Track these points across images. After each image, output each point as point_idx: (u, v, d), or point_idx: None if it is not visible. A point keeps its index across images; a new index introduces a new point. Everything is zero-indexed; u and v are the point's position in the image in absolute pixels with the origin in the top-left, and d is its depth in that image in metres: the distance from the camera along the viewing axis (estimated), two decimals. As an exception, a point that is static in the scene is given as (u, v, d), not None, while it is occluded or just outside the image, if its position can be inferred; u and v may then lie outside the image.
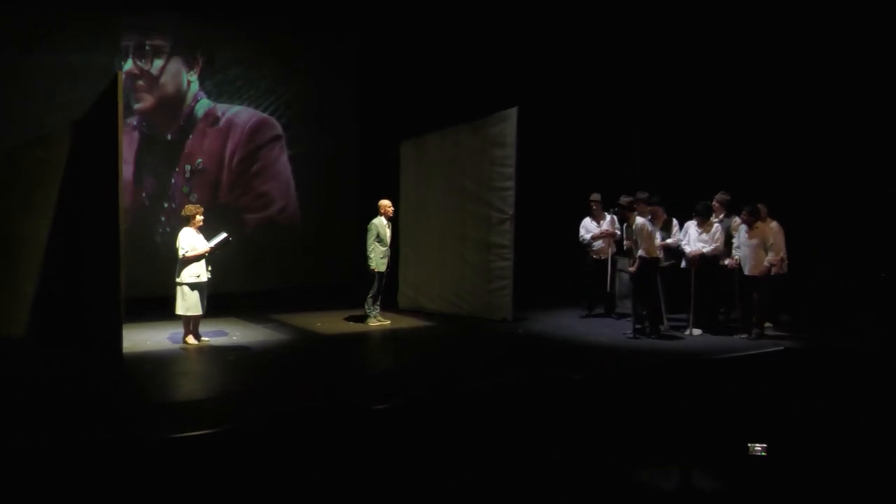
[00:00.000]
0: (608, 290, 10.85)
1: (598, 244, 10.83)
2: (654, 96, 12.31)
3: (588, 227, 10.91)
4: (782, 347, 8.65)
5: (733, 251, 9.48)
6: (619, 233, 10.69)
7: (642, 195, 9.92)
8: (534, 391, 6.81)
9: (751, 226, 9.15)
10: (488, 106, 10.60)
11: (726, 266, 9.47)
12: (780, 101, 11.04)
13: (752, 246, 9.16)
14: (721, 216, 9.87)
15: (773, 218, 9.50)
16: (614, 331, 9.71)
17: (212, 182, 12.19)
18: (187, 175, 11.96)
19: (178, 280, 8.56)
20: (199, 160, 12.03)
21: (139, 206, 11.49)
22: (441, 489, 5.08)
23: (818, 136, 10.74)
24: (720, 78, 11.51)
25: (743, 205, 9.30)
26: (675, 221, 10.06)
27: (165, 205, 11.66)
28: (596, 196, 10.86)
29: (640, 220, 9.25)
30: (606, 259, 10.81)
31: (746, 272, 9.22)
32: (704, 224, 9.53)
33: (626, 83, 12.52)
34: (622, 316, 10.47)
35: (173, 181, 11.84)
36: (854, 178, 10.44)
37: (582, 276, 11.04)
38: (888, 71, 10.11)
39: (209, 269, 8.67)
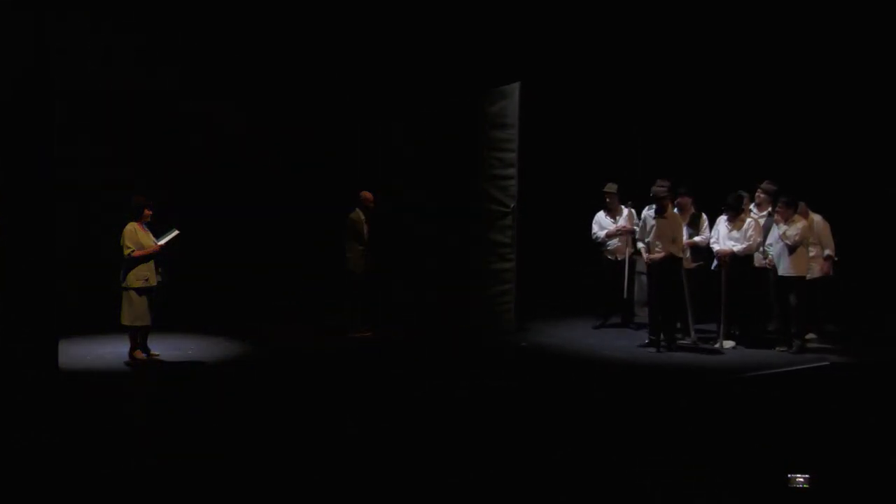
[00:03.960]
0: (626, 295, 10.77)
1: (614, 243, 10.63)
2: (675, 71, 12.30)
3: (602, 223, 10.71)
4: (827, 362, 8.61)
5: (765, 248, 9.40)
6: (637, 229, 10.65)
7: (664, 183, 9.90)
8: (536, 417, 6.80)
9: (786, 220, 9.11)
10: (486, 81, 10.51)
11: (765, 266, 9.41)
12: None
13: (781, 244, 9.12)
14: (769, 209, 9.74)
15: (815, 212, 9.55)
16: (632, 343, 9.62)
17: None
18: None
19: (123, 285, 8.32)
20: None
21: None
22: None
23: (846, 128, 10.94)
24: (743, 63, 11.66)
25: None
26: (704, 216, 10.04)
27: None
28: (611, 187, 10.63)
29: (675, 212, 9.32)
30: (623, 260, 10.64)
31: (780, 272, 9.19)
32: (736, 220, 9.51)
33: (641, 55, 12.48)
34: (641, 326, 10.30)
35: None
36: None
37: (596, 280, 10.92)
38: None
39: (160, 270, 8.52)
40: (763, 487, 5.46)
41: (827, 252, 9.47)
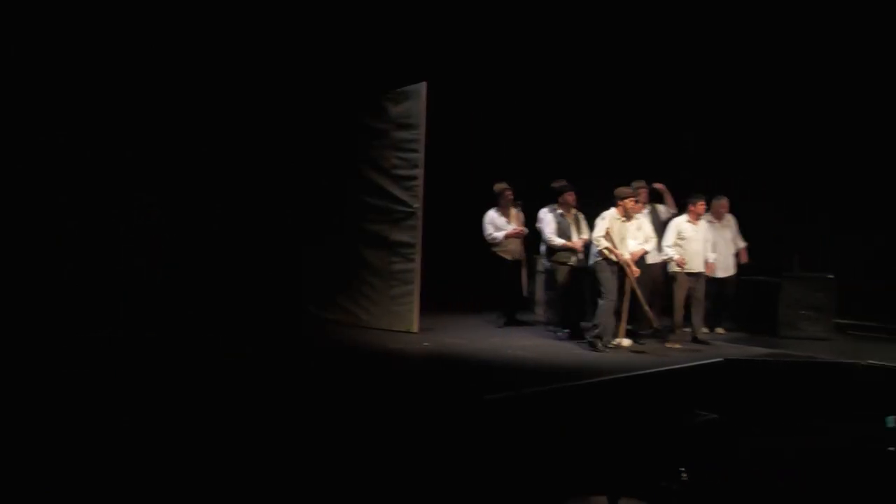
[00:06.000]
0: (525, 293, 10.91)
1: (509, 243, 10.69)
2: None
3: (496, 223, 10.68)
4: (721, 359, 8.80)
5: (666, 249, 9.68)
6: (527, 230, 10.72)
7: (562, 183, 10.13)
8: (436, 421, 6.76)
9: (696, 220, 9.75)
10: (390, 80, 10.45)
11: (677, 265, 9.68)
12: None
13: (700, 241, 9.72)
14: (649, 208, 10.16)
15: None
16: (534, 342, 9.68)
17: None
18: None
19: None
20: None
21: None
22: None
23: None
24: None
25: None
26: (582, 216, 10.16)
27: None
28: (503, 185, 10.70)
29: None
30: (519, 260, 10.78)
31: (705, 271, 9.80)
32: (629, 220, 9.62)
33: (547, 54, 12.60)
34: (543, 325, 10.53)
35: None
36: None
37: (495, 280, 10.90)
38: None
39: None
40: (652, 485, 5.55)
41: (742, 245, 10.39)
